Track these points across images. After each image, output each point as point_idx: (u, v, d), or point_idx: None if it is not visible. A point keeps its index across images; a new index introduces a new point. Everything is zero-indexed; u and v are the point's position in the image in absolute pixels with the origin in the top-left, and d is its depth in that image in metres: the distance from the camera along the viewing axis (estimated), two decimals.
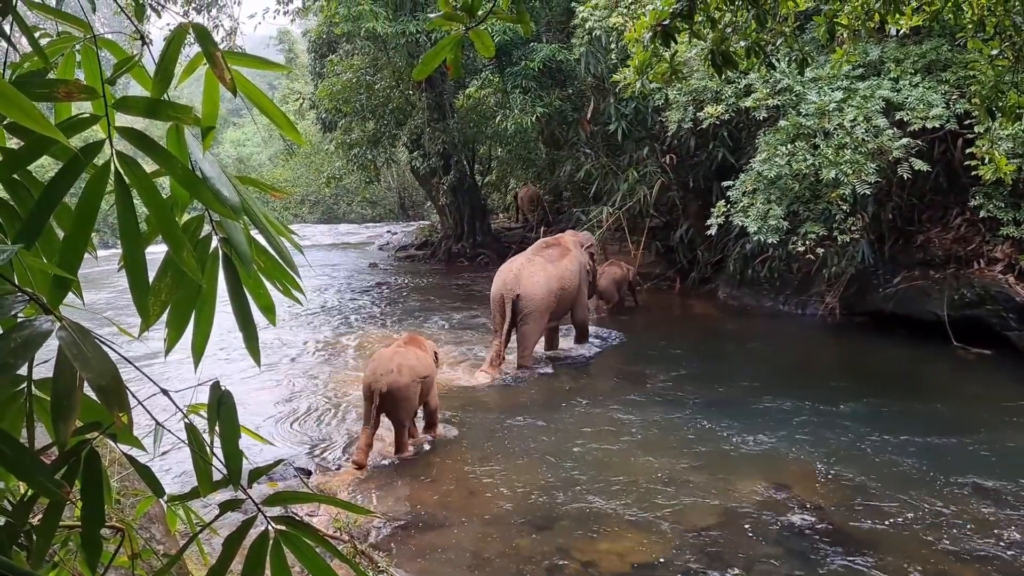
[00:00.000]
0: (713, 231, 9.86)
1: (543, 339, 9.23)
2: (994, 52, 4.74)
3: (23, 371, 1.11)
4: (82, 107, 1.30)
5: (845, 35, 4.91)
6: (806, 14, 6.34)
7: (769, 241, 9.00)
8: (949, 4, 4.51)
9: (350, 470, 5.86)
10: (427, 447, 6.36)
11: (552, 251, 9.24)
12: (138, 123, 2.94)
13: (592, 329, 10.00)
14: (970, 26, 4.79)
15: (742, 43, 4.13)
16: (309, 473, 5.84)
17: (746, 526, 4.89)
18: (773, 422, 6.68)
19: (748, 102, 9.45)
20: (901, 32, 5.67)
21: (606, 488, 5.45)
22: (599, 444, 6.28)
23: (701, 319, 11.42)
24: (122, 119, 1.24)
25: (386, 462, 6.02)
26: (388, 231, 25.01)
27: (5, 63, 1.38)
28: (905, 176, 8.57)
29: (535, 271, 8.67)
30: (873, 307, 10.24)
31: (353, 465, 5.87)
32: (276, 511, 1.31)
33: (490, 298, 8.81)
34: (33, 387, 1.19)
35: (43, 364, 1.11)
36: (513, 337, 8.65)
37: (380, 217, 31.02)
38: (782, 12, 4.44)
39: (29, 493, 1.21)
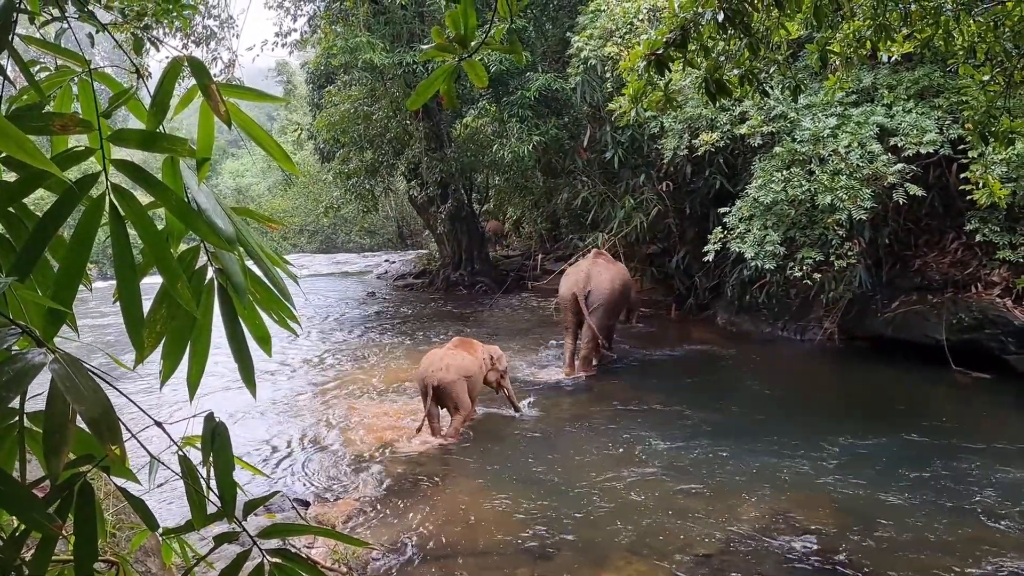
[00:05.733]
0: (710, 257, 9.88)
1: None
2: (986, 78, 4.80)
3: (16, 404, 1.10)
4: (80, 140, 1.31)
5: (838, 62, 4.97)
6: (799, 42, 6.43)
7: (766, 267, 9.02)
8: (940, 31, 4.57)
9: (348, 500, 5.82)
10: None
11: (605, 258, 10.16)
12: (136, 155, 2.95)
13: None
14: (961, 52, 4.85)
15: (736, 71, 4.18)
16: (307, 504, 5.78)
17: (748, 552, 4.85)
18: (773, 448, 6.64)
19: (743, 129, 9.53)
20: (893, 59, 5.74)
21: (606, 516, 5.41)
22: (598, 471, 6.24)
23: (700, 345, 11.40)
24: (119, 151, 1.24)
25: (384, 491, 5.98)
26: (386, 260, 25.10)
27: (1, 97, 1.38)
28: (900, 201, 8.63)
29: (601, 271, 9.64)
30: (872, 332, 10.23)
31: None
32: (272, 543, 1.30)
33: (560, 299, 9.88)
34: (26, 420, 1.18)
35: (36, 396, 1.11)
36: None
37: (378, 246, 31.12)
38: (775, 40, 4.50)
39: (21, 527, 1.20)
